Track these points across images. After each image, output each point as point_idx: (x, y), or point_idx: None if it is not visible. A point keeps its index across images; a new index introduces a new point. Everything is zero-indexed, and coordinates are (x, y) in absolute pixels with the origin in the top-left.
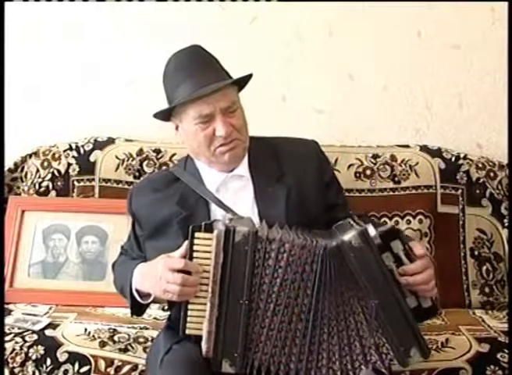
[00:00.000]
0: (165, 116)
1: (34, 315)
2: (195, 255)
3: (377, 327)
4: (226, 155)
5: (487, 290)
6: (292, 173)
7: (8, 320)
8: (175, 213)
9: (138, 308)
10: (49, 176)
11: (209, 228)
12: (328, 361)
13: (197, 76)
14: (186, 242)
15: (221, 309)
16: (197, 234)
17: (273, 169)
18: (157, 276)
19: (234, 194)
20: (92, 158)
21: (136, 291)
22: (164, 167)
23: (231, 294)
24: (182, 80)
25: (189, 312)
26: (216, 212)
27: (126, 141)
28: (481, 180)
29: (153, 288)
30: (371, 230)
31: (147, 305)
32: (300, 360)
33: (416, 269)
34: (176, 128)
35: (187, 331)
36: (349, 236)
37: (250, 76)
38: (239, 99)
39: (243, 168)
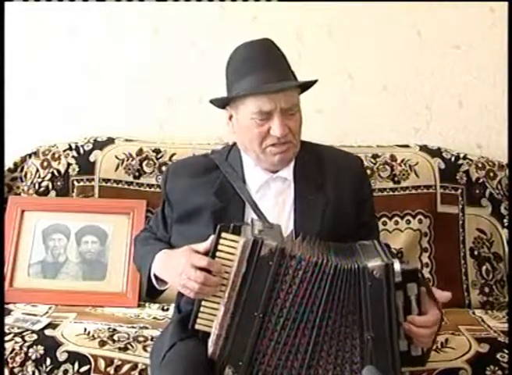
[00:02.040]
0: (221, 102)
1: (34, 315)
2: (218, 254)
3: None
4: (277, 157)
5: (487, 290)
6: (332, 184)
7: (7, 320)
8: (210, 203)
9: (153, 292)
10: (49, 176)
11: (237, 231)
12: None
13: (265, 70)
14: (212, 238)
15: (234, 317)
16: (223, 234)
17: (316, 176)
18: (178, 269)
19: (275, 196)
20: (92, 158)
21: (154, 276)
22: (164, 167)
23: (247, 305)
24: (248, 71)
25: (201, 308)
26: (251, 210)
27: (126, 141)
28: (481, 180)
29: (172, 280)
30: (397, 266)
31: (163, 291)
32: (299, 374)
33: (425, 323)
34: (230, 118)
35: (197, 326)
36: (373, 264)
37: (315, 82)
38: (299, 103)
39: (288, 171)
